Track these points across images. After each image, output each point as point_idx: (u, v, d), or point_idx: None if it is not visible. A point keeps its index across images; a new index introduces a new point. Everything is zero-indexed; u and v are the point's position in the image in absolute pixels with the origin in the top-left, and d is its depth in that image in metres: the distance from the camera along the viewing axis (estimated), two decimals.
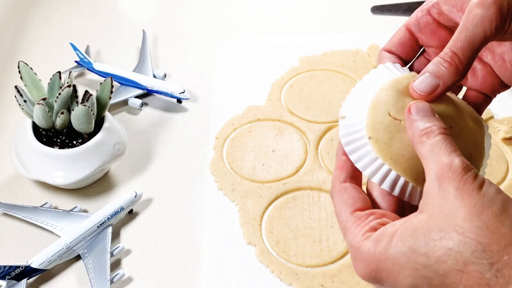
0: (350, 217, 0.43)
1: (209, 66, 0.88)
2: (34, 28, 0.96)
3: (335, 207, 0.45)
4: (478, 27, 0.43)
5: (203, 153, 0.77)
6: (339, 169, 0.46)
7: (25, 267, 0.62)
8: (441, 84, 0.44)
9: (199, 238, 0.68)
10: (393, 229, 0.40)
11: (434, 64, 0.44)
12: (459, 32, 0.44)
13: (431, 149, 0.41)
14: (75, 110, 0.68)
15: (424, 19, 0.48)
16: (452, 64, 0.43)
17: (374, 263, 0.40)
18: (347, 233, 0.43)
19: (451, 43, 0.44)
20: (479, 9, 0.43)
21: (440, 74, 0.44)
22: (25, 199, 0.72)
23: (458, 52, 0.43)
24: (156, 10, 1.00)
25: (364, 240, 0.41)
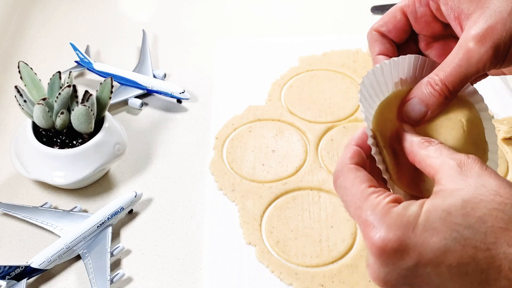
0: (366, 190, 0.40)
1: (209, 66, 0.88)
2: (34, 28, 0.96)
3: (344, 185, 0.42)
4: (472, 66, 0.43)
5: (203, 153, 0.77)
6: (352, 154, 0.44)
7: (25, 267, 0.62)
8: (429, 112, 0.45)
9: (199, 238, 0.68)
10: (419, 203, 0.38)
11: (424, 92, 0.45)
12: (452, 67, 0.44)
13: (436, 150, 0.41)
14: (75, 110, 0.68)
15: (421, 10, 0.48)
16: (441, 95, 0.44)
17: (402, 229, 0.37)
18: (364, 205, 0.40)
19: (442, 74, 0.44)
20: (476, 46, 0.43)
21: (428, 103, 0.45)
22: (25, 199, 0.72)
23: (449, 85, 0.44)
24: (156, 10, 1.00)
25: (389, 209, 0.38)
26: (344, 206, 0.42)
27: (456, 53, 0.44)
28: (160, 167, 0.76)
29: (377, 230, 0.38)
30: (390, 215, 0.38)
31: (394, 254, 0.38)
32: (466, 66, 0.43)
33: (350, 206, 0.41)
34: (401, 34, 0.49)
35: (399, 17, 0.49)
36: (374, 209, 0.39)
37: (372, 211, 0.39)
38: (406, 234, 0.37)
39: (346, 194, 0.42)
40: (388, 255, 0.38)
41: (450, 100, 0.45)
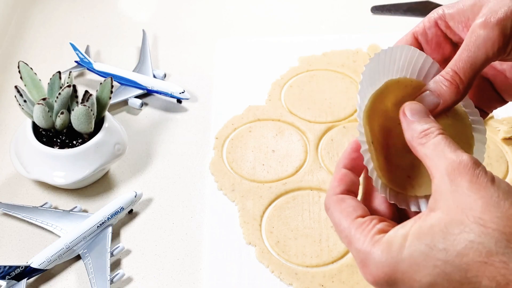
0: (353, 224, 0.41)
1: (209, 66, 0.88)
2: (34, 28, 0.96)
3: (333, 218, 0.43)
4: (480, 49, 0.43)
5: (203, 153, 0.77)
6: (338, 181, 0.45)
7: (25, 267, 0.62)
8: (441, 103, 0.45)
9: (199, 238, 0.68)
10: (405, 230, 0.39)
11: (435, 83, 0.45)
12: (461, 52, 0.44)
13: (435, 148, 0.41)
14: (75, 110, 0.68)
15: (432, 31, 0.48)
16: (453, 83, 0.44)
17: (387, 266, 0.39)
18: (353, 240, 0.41)
19: (453, 62, 0.44)
20: (482, 30, 0.43)
21: (440, 93, 0.44)
22: (25, 199, 0.72)
23: (460, 72, 0.44)
24: (156, 10, 1.00)
25: (374, 244, 0.39)
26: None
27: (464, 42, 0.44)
28: (160, 167, 0.76)
29: (367, 268, 0.40)
30: (376, 252, 0.39)
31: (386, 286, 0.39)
32: (474, 50, 0.43)
33: (343, 240, 0.42)
34: None
35: (410, 41, 0.49)
36: (360, 246, 0.40)
37: (358, 250, 0.40)
38: (393, 270, 0.39)
39: (336, 228, 0.43)
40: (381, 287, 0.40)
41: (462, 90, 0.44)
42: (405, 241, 0.38)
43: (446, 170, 0.39)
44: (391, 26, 0.94)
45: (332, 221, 0.43)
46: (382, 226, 0.40)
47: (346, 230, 0.41)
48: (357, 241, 0.40)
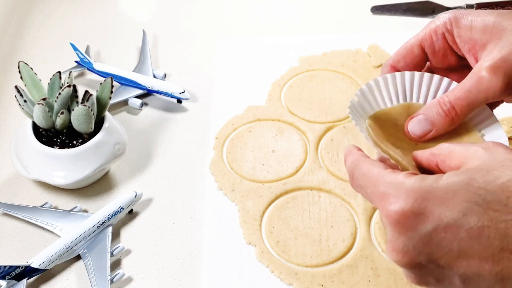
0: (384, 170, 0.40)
1: (209, 66, 0.88)
2: (34, 28, 0.96)
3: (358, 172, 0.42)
4: (481, 92, 0.45)
5: (203, 153, 0.77)
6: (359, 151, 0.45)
7: (25, 267, 0.62)
8: (433, 131, 0.46)
9: (199, 238, 0.68)
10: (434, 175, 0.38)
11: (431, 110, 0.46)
12: (462, 89, 0.45)
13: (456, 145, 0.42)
14: (75, 110, 0.68)
15: (439, 44, 0.49)
16: (448, 116, 0.46)
17: (419, 192, 0.37)
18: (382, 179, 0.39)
19: (452, 96, 0.45)
20: (488, 75, 0.44)
21: (434, 121, 0.46)
22: (25, 199, 0.72)
23: (457, 107, 0.45)
24: (156, 10, 1.00)
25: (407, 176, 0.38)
26: (362, 194, 0.42)
27: (468, 80, 0.45)
28: (160, 167, 0.76)
29: (394, 198, 0.38)
30: (407, 183, 0.38)
31: (413, 217, 0.37)
32: (475, 92, 0.45)
33: (368, 187, 0.41)
34: (417, 68, 0.50)
35: (417, 52, 0.50)
36: (391, 181, 0.39)
37: (389, 184, 0.39)
38: (425, 197, 0.37)
39: (363, 180, 0.41)
40: (406, 220, 0.37)
41: (455, 123, 0.46)
42: (441, 176, 0.37)
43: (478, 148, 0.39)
44: (391, 26, 0.94)
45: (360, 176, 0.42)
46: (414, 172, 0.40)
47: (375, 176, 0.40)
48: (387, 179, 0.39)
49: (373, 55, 0.86)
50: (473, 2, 0.97)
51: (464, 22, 0.47)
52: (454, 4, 0.97)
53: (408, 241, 0.37)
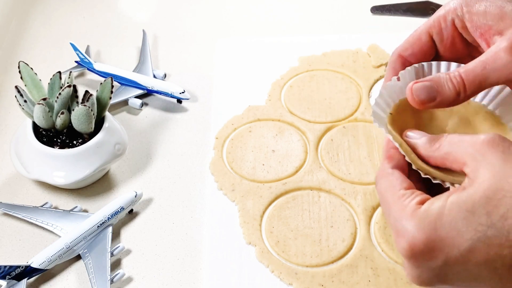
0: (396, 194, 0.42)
1: (209, 66, 0.88)
2: (34, 28, 0.96)
3: (379, 189, 0.44)
4: (496, 72, 0.43)
5: (203, 153, 0.77)
6: (388, 159, 0.46)
7: (26, 267, 0.62)
8: (437, 100, 0.45)
9: (199, 238, 0.68)
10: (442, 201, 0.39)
11: (439, 78, 0.45)
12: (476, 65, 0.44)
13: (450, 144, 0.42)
14: (75, 110, 0.68)
15: (448, 31, 0.48)
16: (456, 88, 0.44)
17: (426, 233, 0.39)
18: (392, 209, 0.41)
19: (464, 70, 0.44)
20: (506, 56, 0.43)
21: (441, 90, 0.45)
22: (25, 199, 0.72)
23: (467, 82, 0.44)
24: (156, 10, 1.00)
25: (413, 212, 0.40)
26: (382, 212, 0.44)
27: (484, 56, 0.44)
28: (160, 167, 0.76)
29: (404, 235, 0.40)
30: (414, 219, 0.39)
31: (422, 256, 0.39)
32: (489, 69, 0.44)
33: (385, 213, 0.43)
34: (425, 57, 0.49)
35: (425, 39, 0.49)
36: (400, 214, 0.40)
37: (398, 217, 0.41)
38: (431, 237, 0.39)
39: (382, 201, 0.44)
40: (416, 257, 0.39)
41: (461, 99, 0.45)
42: (444, 209, 0.38)
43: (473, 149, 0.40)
44: (391, 26, 0.94)
45: (379, 193, 0.44)
46: (422, 198, 0.41)
47: (388, 200, 0.42)
48: (396, 210, 0.41)
49: (373, 55, 0.86)
50: None
51: (477, 7, 0.46)
52: None
53: (421, 272, 0.40)
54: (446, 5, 0.48)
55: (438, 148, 0.43)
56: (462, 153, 0.41)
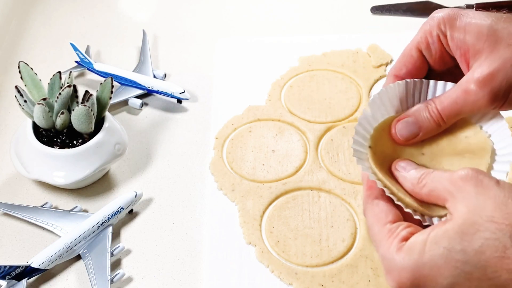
0: (382, 230, 0.44)
1: (209, 66, 0.88)
2: (34, 28, 0.96)
3: (367, 221, 0.46)
4: (467, 105, 0.45)
5: (203, 153, 0.77)
6: (369, 189, 0.47)
7: (25, 267, 0.62)
8: (420, 134, 0.47)
9: (199, 238, 0.68)
10: (424, 237, 0.41)
11: (419, 113, 0.47)
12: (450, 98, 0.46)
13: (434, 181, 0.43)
14: (75, 110, 0.68)
15: (435, 46, 0.49)
16: (435, 122, 0.47)
17: (410, 271, 0.41)
18: (380, 246, 0.43)
19: (439, 104, 0.46)
20: (475, 89, 0.45)
21: (422, 125, 0.47)
22: (25, 199, 0.72)
23: (444, 115, 0.46)
24: (156, 10, 1.00)
25: (397, 251, 0.42)
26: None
27: (455, 90, 0.46)
28: (160, 167, 0.76)
29: (391, 273, 0.42)
30: (399, 257, 0.41)
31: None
32: (462, 104, 0.45)
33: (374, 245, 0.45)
34: (420, 72, 0.50)
35: (416, 56, 0.50)
36: (385, 253, 0.43)
37: (384, 256, 0.43)
38: (416, 275, 0.40)
39: (370, 233, 0.46)
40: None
41: (442, 128, 0.47)
42: (425, 246, 0.40)
43: (451, 184, 0.41)
44: (391, 26, 0.94)
45: (367, 223, 0.46)
46: (406, 234, 0.42)
47: (376, 236, 0.44)
48: (383, 247, 0.43)
49: (373, 55, 0.86)
50: (473, 2, 0.97)
51: (458, 24, 0.47)
52: (454, 4, 0.97)
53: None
54: (431, 19, 0.49)
55: (424, 186, 0.44)
56: (443, 190, 0.42)
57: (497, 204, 0.39)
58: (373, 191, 0.47)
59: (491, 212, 0.38)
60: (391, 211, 0.45)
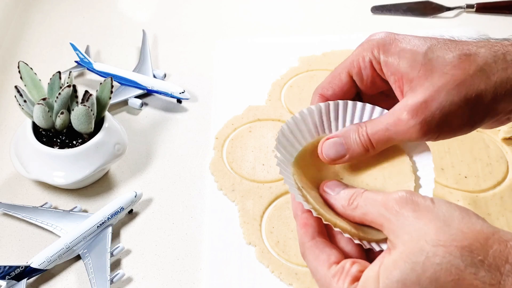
0: (328, 273, 0.42)
1: (209, 66, 0.88)
2: (34, 28, 0.96)
3: (309, 265, 0.44)
4: (398, 134, 0.44)
5: (203, 153, 0.77)
6: (304, 227, 0.45)
7: (25, 267, 0.62)
8: (347, 156, 0.45)
9: (199, 238, 0.68)
10: (374, 272, 0.39)
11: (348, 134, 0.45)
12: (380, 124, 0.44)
13: (366, 203, 0.42)
14: (75, 110, 0.68)
15: (366, 72, 0.47)
16: (364, 146, 0.45)
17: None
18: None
19: (370, 130, 0.45)
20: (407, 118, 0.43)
21: (350, 147, 0.45)
22: (25, 199, 0.72)
23: (374, 141, 0.45)
24: (156, 10, 1.00)
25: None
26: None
27: (387, 117, 0.44)
28: (160, 167, 0.76)
29: None
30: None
31: None
32: (393, 131, 0.44)
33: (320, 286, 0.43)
34: (346, 95, 0.49)
35: (345, 79, 0.48)
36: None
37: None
38: None
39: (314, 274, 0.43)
40: None
41: (370, 154, 0.45)
42: (378, 283, 0.38)
43: (387, 210, 0.40)
44: (391, 26, 0.94)
45: (309, 267, 0.44)
46: (355, 273, 0.41)
47: (322, 279, 0.42)
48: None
49: None
50: (473, 2, 0.97)
51: (392, 50, 0.45)
52: (454, 4, 0.97)
53: None
54: (365, 42, 0.47)
55: (355, 208, 0.43)
56: (378, 215, 0.41)
57: (439, 226, 0.37)
58: (308, 228, 0.45)
59: (435, 235, 0.37)
60: (332, 251, 0.43)
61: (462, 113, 0.42)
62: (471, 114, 0.43)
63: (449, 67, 0.43)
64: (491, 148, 0.75)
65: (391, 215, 0.39)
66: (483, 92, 0.42)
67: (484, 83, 0.42)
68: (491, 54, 0.43)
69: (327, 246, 0.44)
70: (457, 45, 0.44)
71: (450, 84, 0.42)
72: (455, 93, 0.42)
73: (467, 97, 0.42)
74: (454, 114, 0.42)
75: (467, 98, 0.42)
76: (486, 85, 0.42)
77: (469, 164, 0.73)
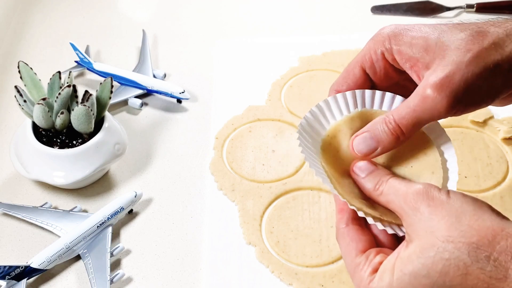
0: (354, 261, 0.44)
1: (209, 66, 0.88)
2: (34, 28, 0.96)
3: (341, 251, 0.46)
4: (426, 112, 0.44)
5: (203, 153, 0.77)
6: (340, 212, 0.47)
7: (25, 267, 0.62)
8: (379, 149, 0.46)
9: (199, 238, 0.68)
10: (391, 264, 0.41)
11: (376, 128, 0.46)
12: (407, 108, 0.45)
13: (389, 192, 0.44)
14: (75, 110, 0.68)
15: (379, 64, 0.48)
16: (393, 134, 0.45)
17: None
18: (354, 277, 0.44)
19: (397, 116, 0.45)
20: (433, 94, 0.43)
21: (380, 139, 0.46)
22: (25, 199, 0.72)
23: (403, 127, 0.45)
24: (156, 10, 1.00)
25: (369, 284, 0.42)
26: None
27: (413, 98, 0.45)
28: (160, 167, 0.76)
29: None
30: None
31: None
32: (420, 111, 0.44)
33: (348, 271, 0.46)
34: (361, 88, 0.50)
35: (358, 74, 0.49)
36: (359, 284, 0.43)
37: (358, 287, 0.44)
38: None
39: (344, 259, 0.46)
40: None
41: (402, 141, 0.46)
42: (393, 275, 0.41)
43: (405, 203, 0.42)
44: None
45: (341, 253, 0.47)
46: (376, 263, 0.43)
47: (349, 266, 0.45)
48: (357, 279, 0.44)
49: None
50: (473, 2, 0.97)
51: (404, 39, 0.46)
52: (454, 4, 0.97)
53: None
54: (376, 36, 0.48)
55: (381, 194, 0.44)
56: (398, 206, 0.43)
57: (451, 222, 0.39)
58: (344, 214, 0.47)
59: (446, 231, 0.39)
60: (361, 239, 0.45)
61: (483, 83, 0.43)
62: (491, 84, 0.44)
63: (463, 43, 0.44)
64: (491, 148, 0.75)
65: (409, 210, 0.41)
66: (499, 62, 0.43)
67: (499, 54, 0.43)
68: (502, 29, 0.44)
69: (359, 234, 0.46)
70: (468, 26, 0.45)
71: (468, 58, 0.43)
72: (474, 64, 0.43)
73: (486, 67, 0.43)
74: (476, 85, 0.43)
75: (486, 68, 0.43)
76: (501, 55, 0.43)
77: (469, 164, 0.73)
